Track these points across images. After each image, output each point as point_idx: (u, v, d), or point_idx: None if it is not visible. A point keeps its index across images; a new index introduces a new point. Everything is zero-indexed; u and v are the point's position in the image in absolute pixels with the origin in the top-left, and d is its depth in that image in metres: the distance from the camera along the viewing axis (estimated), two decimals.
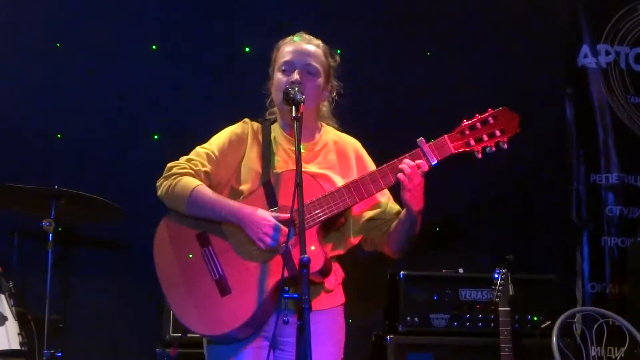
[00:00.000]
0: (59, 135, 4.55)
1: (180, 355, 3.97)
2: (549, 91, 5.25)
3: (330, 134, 2.96)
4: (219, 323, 2.66)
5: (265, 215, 2.66)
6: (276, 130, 2.91)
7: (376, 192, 2.73)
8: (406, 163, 2.66)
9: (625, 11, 5.36)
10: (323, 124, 2.97)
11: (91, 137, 4.61)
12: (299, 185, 2.44)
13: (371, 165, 2.94)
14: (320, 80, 2.86)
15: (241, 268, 2.69)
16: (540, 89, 5.18)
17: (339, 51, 2.96)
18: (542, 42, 5.21)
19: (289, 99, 2.67)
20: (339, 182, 2.78)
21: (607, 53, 5.32)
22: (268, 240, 2.63)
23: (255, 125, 2.91)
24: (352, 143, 2.98)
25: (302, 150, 2.75)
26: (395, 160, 2.69)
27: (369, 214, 2.86)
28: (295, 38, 2.90)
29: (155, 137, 4.62)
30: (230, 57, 4.82)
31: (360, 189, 2.69)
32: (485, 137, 2.69)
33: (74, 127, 4.60)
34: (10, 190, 3.89)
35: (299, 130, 2.55)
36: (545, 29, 5.25)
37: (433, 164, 2.67)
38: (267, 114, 3.00)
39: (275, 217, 2.66)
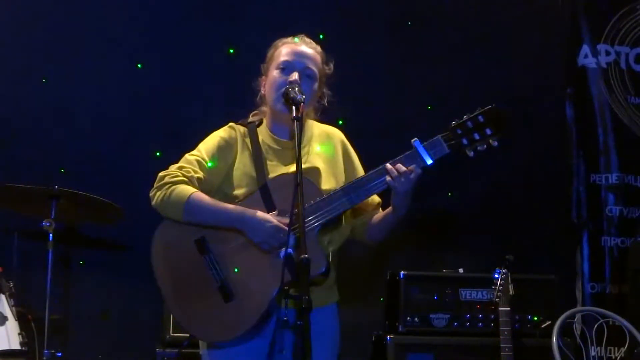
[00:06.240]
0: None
1: (180, 355, 3.98)
2: (549, 91, 5.25)
3: (313, 128, 2.95)
4: (226, 329, 2.66)
5: (267, 217, 2.66)
6: (263, 132, 2.89)
7: (372, 194, 2.77)
8: (397, 168, 2.67)
9: (625, 11, 5.36)
10: (306, 119, 2.95)
11: (91, 137, 4.60)
12: (299, 184, 2.44)
13: (356, 158, 2.98)
14: (316, 85, 2.88)
15: (243, 273, 2.68)
16: (540, 89, 5.18)
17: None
18: (542, 42, 5.21)
19: (289, 99, 2.68)
20: (327, 174, 2.80)
21: (607, 53, 5.32)
22: (272, 241, 2.63)
23: (242, 129, 2.89)
24: (337, 134, 3.00)
25: (286, 149, 2.80)
26: (391, 161, 2.70)
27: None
28: (296, 39, 2.90)
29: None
30: (230, 59, 4.82)
31: (357, 190, 2.71)
32: (477, 136, 2.69)
33: (75, 126, 4.60)
34: (10, 190, 3.89)
35: (299, 130, 2.56)
36: (545, 29, 5.25)
37: (429, 164, 2.69)
38: (251, 114, 2.98)
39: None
